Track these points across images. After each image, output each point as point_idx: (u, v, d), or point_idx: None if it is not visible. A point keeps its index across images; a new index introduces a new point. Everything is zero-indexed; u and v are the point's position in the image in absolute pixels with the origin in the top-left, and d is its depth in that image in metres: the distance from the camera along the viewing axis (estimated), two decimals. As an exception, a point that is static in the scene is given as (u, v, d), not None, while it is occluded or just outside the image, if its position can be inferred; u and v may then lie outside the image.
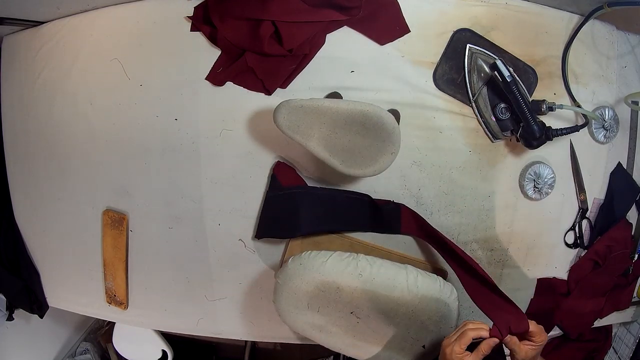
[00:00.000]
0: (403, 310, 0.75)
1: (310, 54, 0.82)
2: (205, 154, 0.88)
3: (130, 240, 0.96)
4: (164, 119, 0.88)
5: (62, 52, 0.93)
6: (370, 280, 0.75)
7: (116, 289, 0.98)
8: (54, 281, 1.06)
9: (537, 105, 0.79)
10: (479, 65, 0.82)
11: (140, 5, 0.88)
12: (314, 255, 0.78)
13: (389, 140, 0.72)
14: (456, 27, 0.83)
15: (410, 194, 0.87)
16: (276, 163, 0.86)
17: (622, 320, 1.03)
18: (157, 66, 0.88)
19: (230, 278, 0.93)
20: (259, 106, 0.85)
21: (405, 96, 0.84)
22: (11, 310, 1.10)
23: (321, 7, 0.79)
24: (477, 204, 0.88)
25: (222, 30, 0.82)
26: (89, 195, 0.96)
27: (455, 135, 0.85)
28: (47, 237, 1.02)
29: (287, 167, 0.86)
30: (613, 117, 0.88)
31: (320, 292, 0.75)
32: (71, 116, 0.93)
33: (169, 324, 1.01)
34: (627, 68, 0.89)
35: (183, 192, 0.90)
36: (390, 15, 0.82)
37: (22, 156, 1.01)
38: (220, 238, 0.91)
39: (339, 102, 0.73)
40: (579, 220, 0.91)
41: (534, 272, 0.92)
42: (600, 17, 0.82)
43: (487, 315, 0.69)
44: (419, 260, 0.89)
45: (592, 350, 1.06)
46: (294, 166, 0.87)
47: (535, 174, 0.86)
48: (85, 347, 1.43)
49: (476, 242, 0.89)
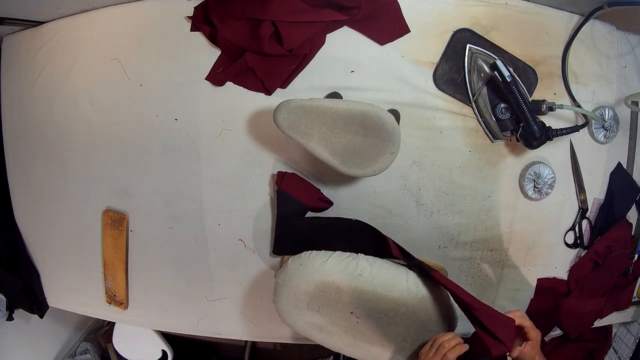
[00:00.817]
0: (403, 310, 0.75)
1: (310, 54, 0.82)
2: (205, 154, 0.88)
3: (130, 240, 0.96)
4: (164, 119, 0.88)
5: (62, 52, 0.93)
6: (370, 280, 0.75)
7: (116, 289, 0.98)
8: (54, 281, 1.06)
9: (537, 105, 0.79)
10: (479, 65, 0.82)
11: (140, 5, 0.88)
12: (314, 255, 0.78)
13: (389, 140, 0.72)
14: (456, 27, 0.83)
15: (410, 194, 0.87)
16: (281, 176, 0.84)
17: (622, 320, 1.03)
18: (157, 66, 0.88)
19: (230, 278, 0.93)
20: (259, 106, 0.85)
21: (405, 96, 0.84)
22: (11, 310, 1.10)
23: (321, 7, 0.80)
24: (477, 204, 0.88)
25: (222, 30, 0.82)
26: (89, 195, 0.96)
27: (455, 135, 0.85)
28: (47, 237, 1.02)
29: (295, 178, 0.85)
30: (613, 117, 0.88)
31: (320, 292, 0.75)
32: (71, 116, 0.93)
33: (169, 324, 1.01)
34: (627, 68, 0.89)
35: (183, 192, 0.90)
36: (390, 15, 0.82)
37: (22, 156, 1.01)
38: (220, 238, 0.91)
39: (339, 102, 0.73)
40: (579, 220, 0.91)
41: (534, 272, 0.92)
42: (600, 17, 0.82)
43: (487, 330, 0.68)
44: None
45: (592, 350, 1.06)
46: (296, 171, 0.86)
47: (535, 174, 0.86)
48: (85, 347, 1.43)
49: (476, 242, 0.89)
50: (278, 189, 0.84)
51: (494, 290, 0.92)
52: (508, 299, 0.93)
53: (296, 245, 0.82)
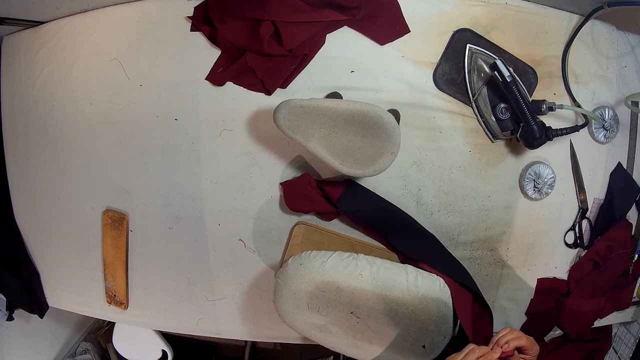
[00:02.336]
0: (403, 310, 0.75)
1: (310, 54, 0.82)
2: (205, 154, 0.88)
3: (130, 240, 0.96)
4: (164, 119, 0.88)
5: (62, 52, 0.93)
6: (370, 280, 0.75)
7: (116, 289, 0.98)
8: (54, 281, 1.06)
9: (537, 105, 0.79)
10: (479, 65, 0.82)
11: (140, 5, 0.88)
12: (314, 255, 0.78)
13: (389, 140, 0.72)
14: (456, 27, 0.83)
15: (410, 194, 0.87)
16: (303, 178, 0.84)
17: (622, 320, 1.03)
18: (157, 66, 0.88)
19: (230, 278, 0.93)
20: (259, 106, 0.85)
21: (405, 96, 0.84)
22: (11, 310, 1.10)
23: (321, 7, 0.80)
24: (477, 204, 0.88)
25: (222, 30, 0.82)
26: (89, 195, 0.96)
27: (455, 135, 0.85)
28: (47, 237, 1.02)
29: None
30: (613, 117, 0.88)
31: (320, 292, 0.75)
32: (71, 116, 0.93)
33: (169, 324, 1.01)
34: (627, 68, 0.89)
35: (183, 192, 0.90)
36: (390, 15, 0.82)
37: (22, 156, 1.01)
38: (220, 238, 0.91)
39: (339, 102, 0.73)
40: (579, 220, 0.91)
41: (534, 272, 0.92)
42: (600, 17, 0.82)
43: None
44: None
45: (592, 350, 1.06)
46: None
47: (535, 174, 0.86)
48: (85, 347, 1.43)
49: (476, 242, 0.89)
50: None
51: (494, 290, 0.92)
52: (508, 299, 0.93)
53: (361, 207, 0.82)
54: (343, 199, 0.82)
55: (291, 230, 0.89)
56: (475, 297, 0.81)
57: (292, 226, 0.89)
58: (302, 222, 0.88)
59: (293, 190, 0.84)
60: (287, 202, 0.84)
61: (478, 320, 0.80)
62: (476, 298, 0.81)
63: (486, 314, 0.82)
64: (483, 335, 0.78)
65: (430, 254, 0.83)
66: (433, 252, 0.84)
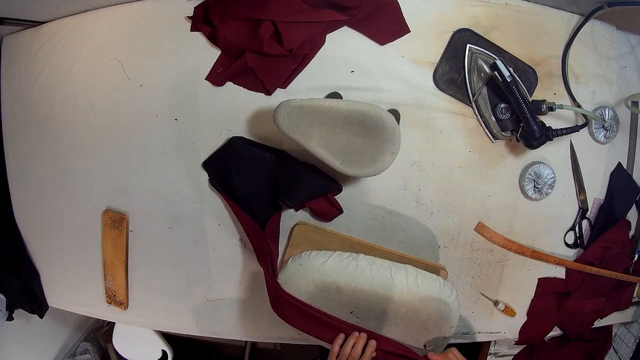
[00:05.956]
0: (403, 310, 0.75)
1: (310, 54, 0.82)
2: (205, 154, 0.88)
3: (130, 240, 0.96)
4: (164, 119, 0.88)
5: (62, 52, 0.93)
6: (370, 280, 0.75)
7: (116, 289, 0.98)
8: (54, 281, 1.06)
9: (537, 105, 0.79)
10: (479, 65, 0.82)
11: (140, 5, 0.88)
12: (314, 256, 0.78)
13: (389, 140, 0.72)
14: (456, 27, 0.83)
15: (410, 194, 0.87)
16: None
17: (622, 320, 1.03)
18: (157, 66, 0.88)
19: (230, 278, 0.93)
20: (259, 106, 0.85)
21: (405, 96, 0.84)
22: (11, 310, 1.09)
23: (321, 7, 0.79)
24: (477, 204, 0.88)
25: (222, 30, 0.82)
26: (89, 195, 0.96)
27: (455, 135, 0.85)
28: (47, 237, 1.02)
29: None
30: (613, 117, 0.88)
31: (320, 292, 0.75)
32: (71, 116, 0.93)
33: (169, 324, 1.01)
34: (627, 68, 0.89)
35: (183, 192, 0.90)
36: (390, 15, 0.82)
37: (22, 156, 1.01)
38: (220, 238, 0.91)
39: (339, 102, 0.73)
40: (579, 220, 0.91)
41: (534, 272, 0.92)
42: (600, 17, 0.82)
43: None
44: (418, 261, 0.89)
45: (592, 350, 1.06)
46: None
47: (535, 174, 0.86)
48: (85, 347, 1.43)
49: (476, 242, 0.90)
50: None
51: (494, 290, 0.93)
52: (508, 299, 0.93)
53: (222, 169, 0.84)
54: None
55: (291, 230, 0.89)
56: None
57: (292, 226, 0.89)
58: (302, 222, 0.88)
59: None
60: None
61: None
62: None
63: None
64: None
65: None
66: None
